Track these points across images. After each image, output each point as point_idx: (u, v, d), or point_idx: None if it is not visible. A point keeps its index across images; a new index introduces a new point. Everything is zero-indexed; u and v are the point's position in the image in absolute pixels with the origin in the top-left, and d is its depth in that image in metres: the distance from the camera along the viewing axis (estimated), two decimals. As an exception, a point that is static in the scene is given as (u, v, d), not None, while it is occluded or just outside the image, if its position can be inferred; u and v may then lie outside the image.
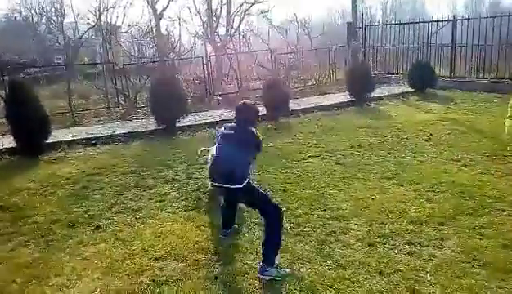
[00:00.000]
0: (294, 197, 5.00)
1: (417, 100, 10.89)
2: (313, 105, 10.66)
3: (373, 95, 11.02)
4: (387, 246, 3.80)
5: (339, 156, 6.49)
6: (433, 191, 4.91)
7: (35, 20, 26.76)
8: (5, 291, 3.45)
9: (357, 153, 6.63)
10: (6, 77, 9.92)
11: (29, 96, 7.41)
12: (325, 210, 4.61)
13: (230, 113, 10.34)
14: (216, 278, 3.44)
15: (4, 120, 7.84)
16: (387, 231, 4.05)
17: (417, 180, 5.26)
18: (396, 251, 3.70)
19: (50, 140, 7.92)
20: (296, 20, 14.99)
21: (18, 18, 25.74)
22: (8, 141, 7.78)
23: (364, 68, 11.10)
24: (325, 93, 12.66)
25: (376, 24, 14.39)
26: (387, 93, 11.85)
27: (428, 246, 3.75)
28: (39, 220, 4.76)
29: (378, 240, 3.90)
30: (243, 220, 4.38)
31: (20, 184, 5.97)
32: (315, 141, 7.42)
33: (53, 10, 20.14)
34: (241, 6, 16.21)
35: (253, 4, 16.48)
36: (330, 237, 4.02)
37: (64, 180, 6.03)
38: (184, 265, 3.68)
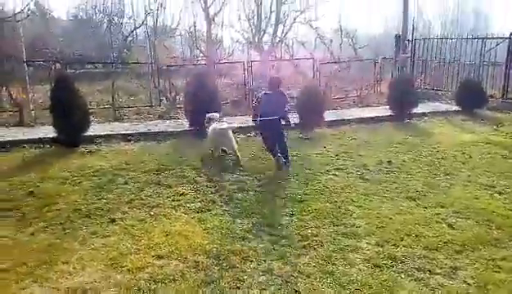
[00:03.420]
0: (309, 209, 4.89)
1: (463, 120, 10.28)
2: (351, 117, 10.40)
3: (416, 110, 10.56)
4: (394, 269, 3.62)
5: (365, 171, 6.28)
6: (458, 216, 4.62)
7: (99, 18, 28.37)
8: (14, 272, 3.65)
9: (385, 169, 6.37)
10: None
11: (71, 89, 7.80)
12: (338, 225, 4.47)
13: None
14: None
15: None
16: (398, 254, 3.86)
17: (443, 204, 4.97)
18: (402, 276, 3.52)
19: (90, 133, 8.32)
20: (340, 29, 14.70)
21: (84, 16, 27.38)
22: (50, 131, 8.21)
23: (407, 81, 10.65)
24: (367, 106, 12.33)
25: (424, 38, 13.82)
26: (431, 110, 11.32)
27: (438, 274, 3.53)
28: (62, 208, 5.01)
29: (386, 262, 3.72)
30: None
31: (53, 173, 6.31)
32: (344, 154, 7.21)
33: (115, 9, 21.24)
34: (290, 13, 16.16)
35: (302, 12, 16.39)
36: (337, 254, 3.89)
37: (93, 172, 6.30)
38: (184, 265, 3.71)
